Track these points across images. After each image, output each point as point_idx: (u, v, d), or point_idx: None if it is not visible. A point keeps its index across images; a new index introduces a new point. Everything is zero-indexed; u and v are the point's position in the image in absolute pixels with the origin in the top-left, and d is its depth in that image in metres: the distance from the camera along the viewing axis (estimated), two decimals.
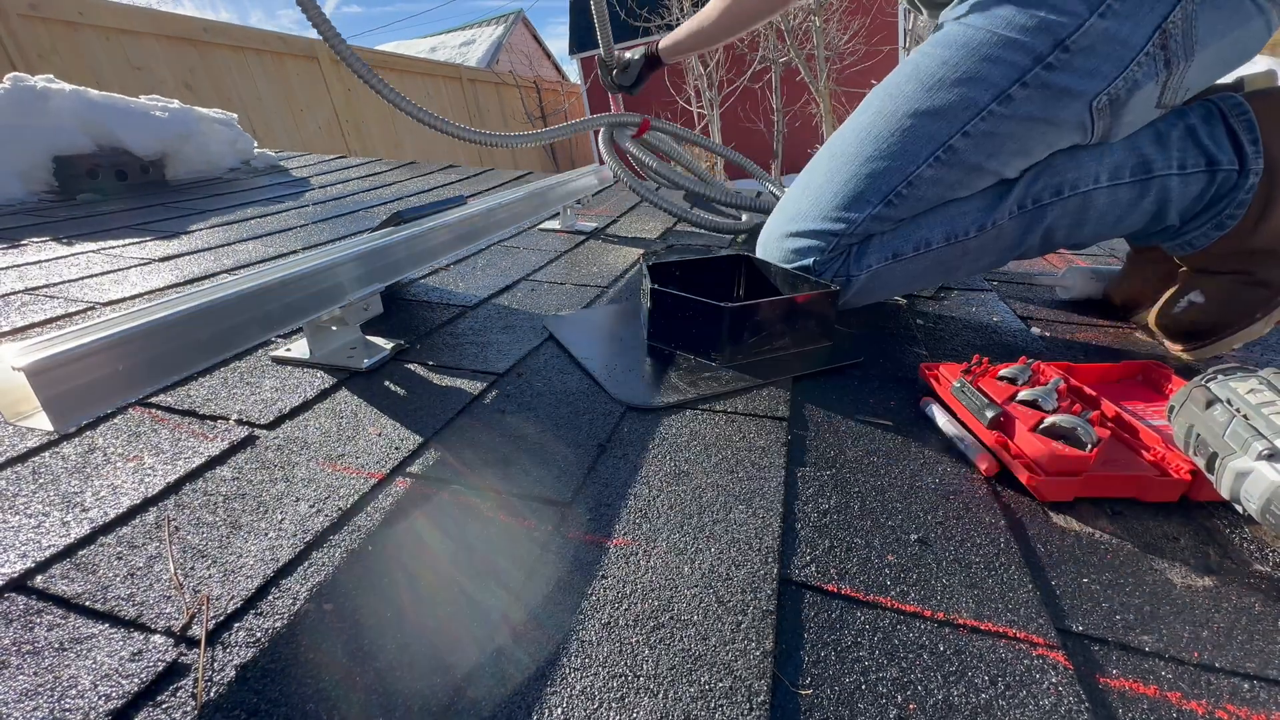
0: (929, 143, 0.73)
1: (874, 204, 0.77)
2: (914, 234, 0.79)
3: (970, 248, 0.79)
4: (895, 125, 0.76)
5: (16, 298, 0.92)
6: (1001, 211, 0.77)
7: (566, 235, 1.39)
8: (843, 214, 0.79)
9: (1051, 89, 0.68)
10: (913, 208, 0.78)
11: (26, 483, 0.51)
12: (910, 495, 0.52)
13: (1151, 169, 0.72)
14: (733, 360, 0.74)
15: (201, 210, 1.56)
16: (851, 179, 0.78)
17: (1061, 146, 0.73)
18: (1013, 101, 0.69)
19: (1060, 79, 0.67)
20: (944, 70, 0.73)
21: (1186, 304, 0.77)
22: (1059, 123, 0.70)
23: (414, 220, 0.91)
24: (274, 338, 0.77)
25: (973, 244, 0.79)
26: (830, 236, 0.80)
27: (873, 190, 0.77)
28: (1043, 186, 0.75)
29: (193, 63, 3.72)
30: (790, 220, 0.85)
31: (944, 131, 0.73)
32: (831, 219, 0.79)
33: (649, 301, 0.78)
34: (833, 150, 0.83)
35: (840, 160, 0.80)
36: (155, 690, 0.34)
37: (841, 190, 0.79)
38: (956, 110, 0.72)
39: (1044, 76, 0.68)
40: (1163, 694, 0.35)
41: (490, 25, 12.42)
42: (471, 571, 0.43)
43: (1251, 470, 0.44)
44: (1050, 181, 0.75)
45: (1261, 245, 0.71)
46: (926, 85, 0.74)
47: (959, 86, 0.71)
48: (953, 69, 0.72)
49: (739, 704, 0.34)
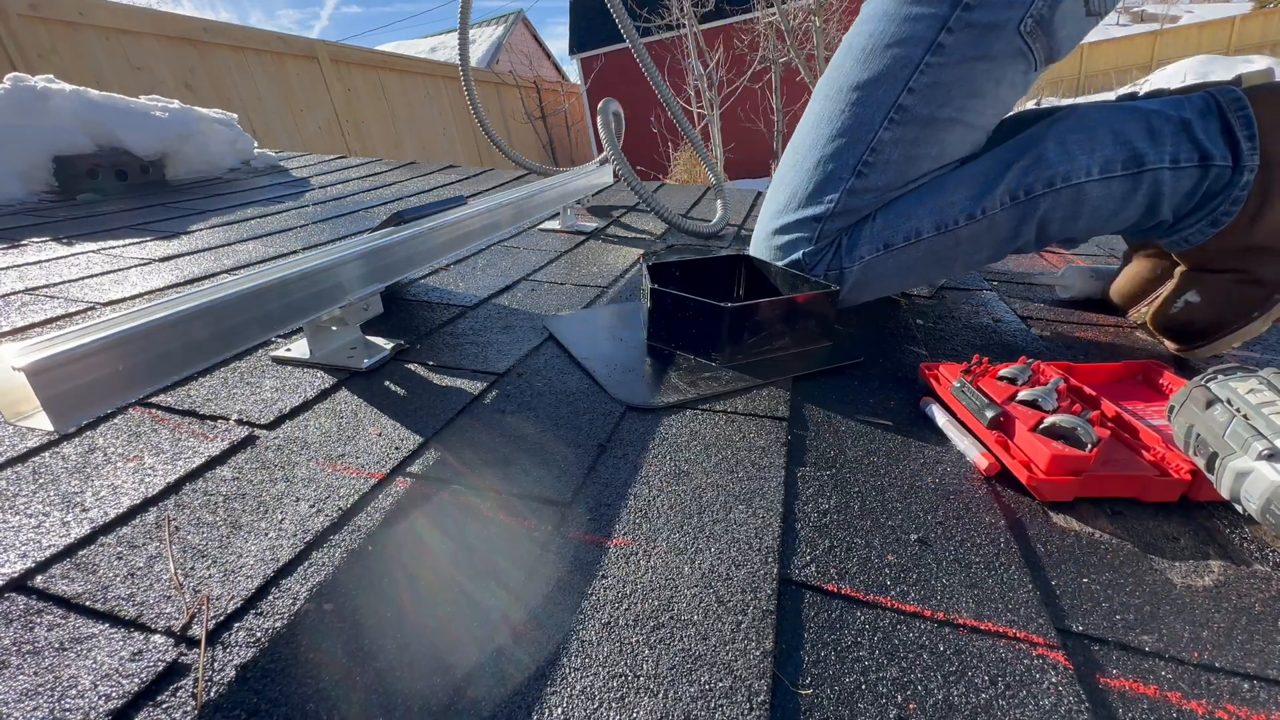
0: (878, 108, 0.77)
1: (845, 178, 0.79)
2: (903, 224, 0.80)
3: (963, 237, 0.79)
4: (843, 102, 0.79)
5: (16, 298, 0.92)
6: (991, 200, 0.76)
7: (566, 235, 1.39)
8: (819, 197, 0.81)
9: (976, 27, 0.71)
10: (886, 175, 0.79)
11: (26, 483, 0.51)
12: (910, 495, 0.52)
13: (1144, 162, 0.72)
14: (733, 360, 0.74)
15: (201, 210, 1.56)
16: (818, 163, 0.81)
17: (1013, 81, 0.76)
18: (944, 49, 0.73)
19: (981, 16, 0.71)
20: (872, 40, 0.77)
21: (1183, 304, 0.77)
22: (996, 56, 0.73)
23: (414, 220, 0.91)
24: (274, 338, 0.77)
25: (965, 233, 0.79)
26: (813, 223, 0.81)
27: (840, 167, 0.79)
28: (1034, 178, 0.75)
29: (193, 63, 3.72)
30: (772, 218, 0.87)
31: (889, 94, 0.76)
32: (809, 204, 0.82)
33: (649, 301, 0.78)
34: (795, 145, 0.86)
35: (803, 151, 0.83)
36: (155, 690, 0.34)
37: (812, 175, 0.82)
38: (894, 71, 0.75)
39: (965, 17, 0.71)
40: (1163, 694, 0.35)
41: (490, 25, 12.42)
42: (471, 571, 0.43)
43: (1251, 470, 0.44)
44: (1042, 174, 0.75)
45: (1258, 242, 0.71)
46: (861, 58, 0.78)
47: (890, 49, 0.76)
48: (880, 37, 0.76)
49: (739, 704, 0.34)
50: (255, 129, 4.02)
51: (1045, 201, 0.76)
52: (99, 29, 3.14)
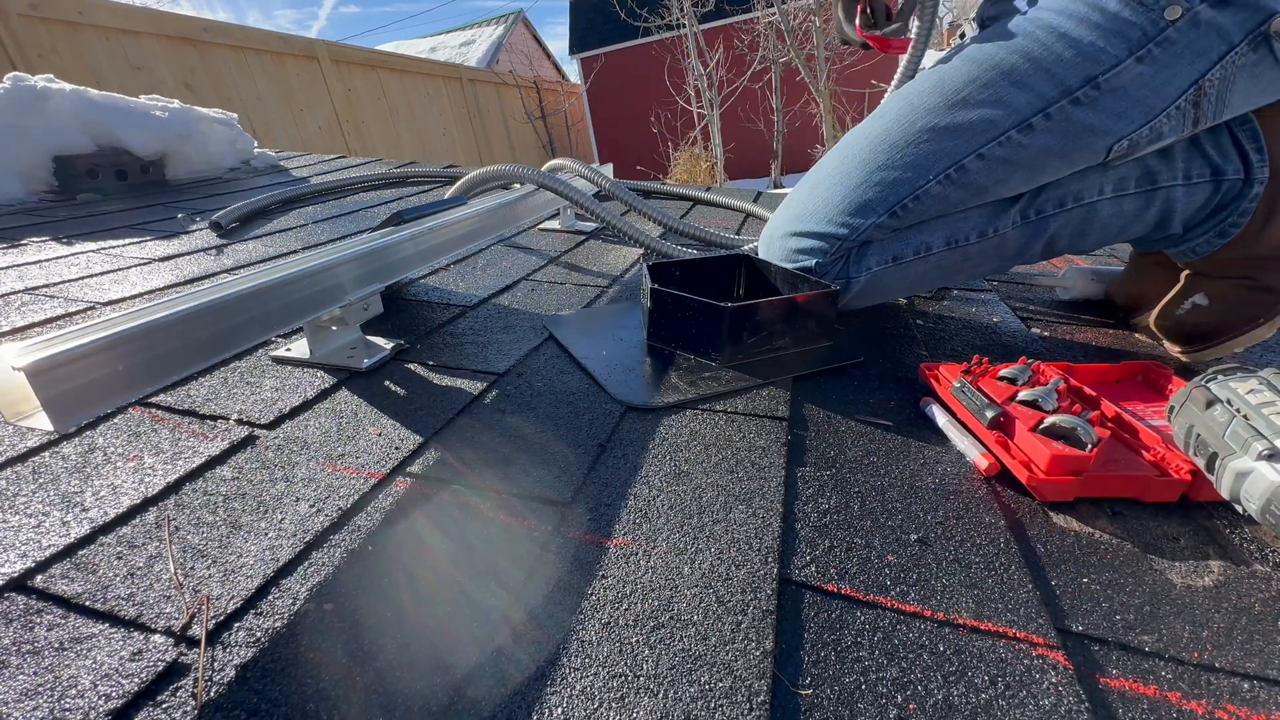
0: (943, 159, 0.73)
1: (879, 214, 0.77)
2: (915, 238, 0.79)
3: (971, 253, 0.79)
4: (912, 136, 0.74)
5: (16, 298, 0.92)
6: (1005, 220, 0.77)
7: (566, 235, 1.39)
8: (848, 219, 0.78)
9: (1074, 125, 0.67)
10: (913, 220, 0.78)
11: (26, 483, 0.51)
12: (910, 495, 0.52)
13: (1156, 180, 0.72)
14: (733, 360, 0.74)
15: (202, 210, 1.56)
16: (861, 185, 0.77)
17: (1063, 175, 0.73)
18: (1033, 131, 0.68)
19: (1085, 116, 0.66)
20: (969, 89, 0.71)
21: (1190, 306, 0.76)
22: (1072, 157, 0.69)
23: (414, 220, 0.91)
24: (274, 338, 0.77)
25: (974, 249, 0.79)
26: (834, 240, 0.79)
27: (880, 200, 0.76)
28: (1046, 198, 0.75)
29: (193, 63, 3.72)
30: (795, 220, 0.84)
31: (960, 150, 0.72)
32: (836, 223, 0.79)
33: (649, 301, 0.78)
34: (844, 153, 0.81)
35: (852, 164, 0.79)
36: (155, 690, 0.34)
37: (850, 195, 0.78)
38: (976, 130, 0.71)
39: (1069, 110, 0.66)
40: (1163, 694, 0.35)
41: (490, 25, 12.41)
42: (471, 571, 0.43)
43: (1251, 470, 0.44)
44: (1054, 193, 0.75)
45: (1265, 252, 0.71)
46: (949, 100, 0.72)
47: (982, 107, 0.70)
48: (979, 88, 0.71)
49: (739, 704, 0.34)
50: (255, 129, 4.02)
51: (1056, 221, 0.76)
52: (99, 29, 3.14)
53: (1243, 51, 0.62)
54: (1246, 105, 0.66)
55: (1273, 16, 0.60)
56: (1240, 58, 0.62)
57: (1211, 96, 0.64)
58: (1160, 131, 0.66)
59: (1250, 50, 0.61)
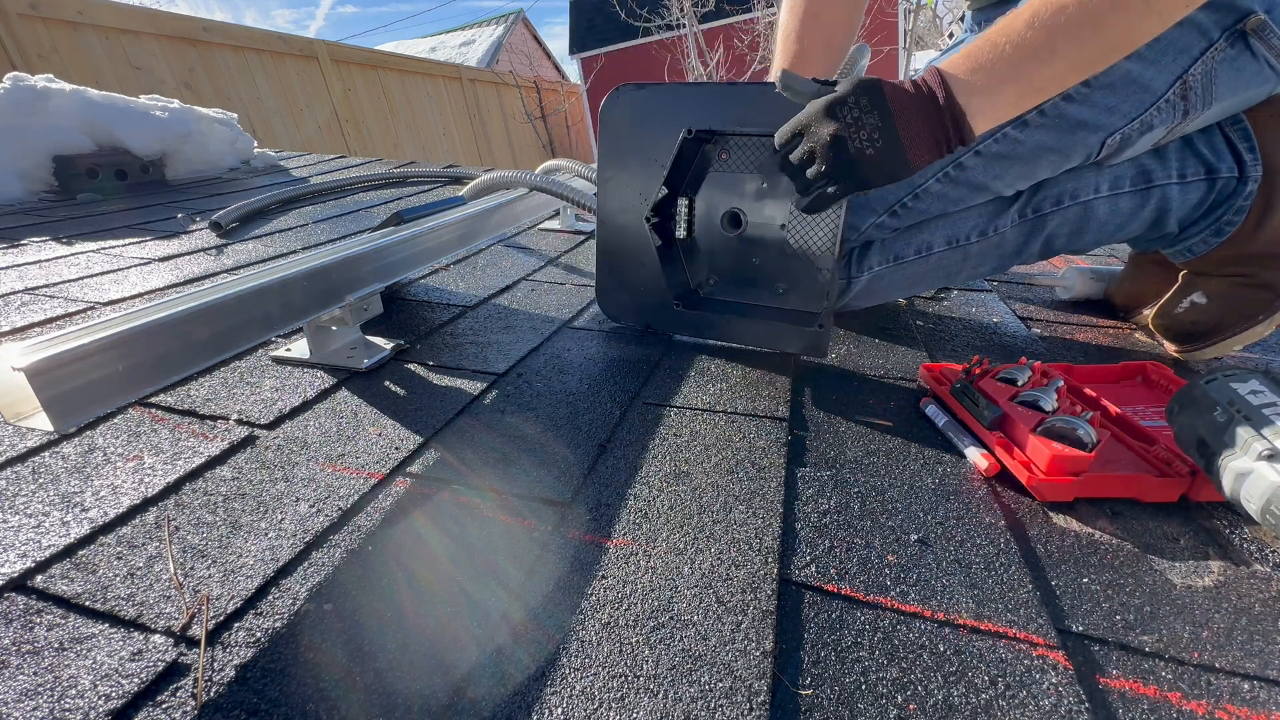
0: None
1: (879, 213, 0.78)
2: (915, 238, 0.80)
3: (971, 253, 0.80)
4: None
5: (16, 298, 0.92)
6: (1004, 219, 0.78)
7: (566, 235, 1.39)
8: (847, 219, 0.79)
9: (1068, 120, 0.68)
10: (914, 219, 0.79)
11: (26, 483, 0.51)
12: (910, 495, 0.52)
13: (1152, 179, 0.73)
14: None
15: (201, 210, 1.56)
16: None
17: (1059, 171, 0.74)
18: (1028, 127, 0.70)
19: (1078, 112, 0.68)
20: None
21: (1188, 304, 0.77)
22: (1068, 152, 0.71)
23: (414, 220, 0.91)
24: (274, 338, 0.77)
25: (974, 249, 0.80)
26: None
27: (878, 200, 0.78)
28: (1043, 196, 0.76)
29: (193, 63, 3.71)
30: None
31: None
32: None
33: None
34: None
35: None
36: (155, 690, 0.34)
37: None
38: None
39: (1062, 107, 0.68)
40: (1163, 694, 0.35)
41: (490, 25, 12.41)
42: (471, 571, 0.43)
43: (1251, 470, 0.44)
44: (1050, 191, 0.76)
45: (1261, 249, 0.71)
46: None
47: None
48: None
49: (739, 704, 0.34)
50: (255, 129, 4.02)
51: (1054, 219, 0.77)
52: (99, 29, 3.14)
53: (1221, 47, 0.64)
54: (1232, 96, 0.67)
55: (1248, 16, 0.62)
56: (1219, 53, 0.64)
57: (1197, 88, 0.65)
58: (1151, 123, 0.67)
59: (1228, 46, 0.64)
